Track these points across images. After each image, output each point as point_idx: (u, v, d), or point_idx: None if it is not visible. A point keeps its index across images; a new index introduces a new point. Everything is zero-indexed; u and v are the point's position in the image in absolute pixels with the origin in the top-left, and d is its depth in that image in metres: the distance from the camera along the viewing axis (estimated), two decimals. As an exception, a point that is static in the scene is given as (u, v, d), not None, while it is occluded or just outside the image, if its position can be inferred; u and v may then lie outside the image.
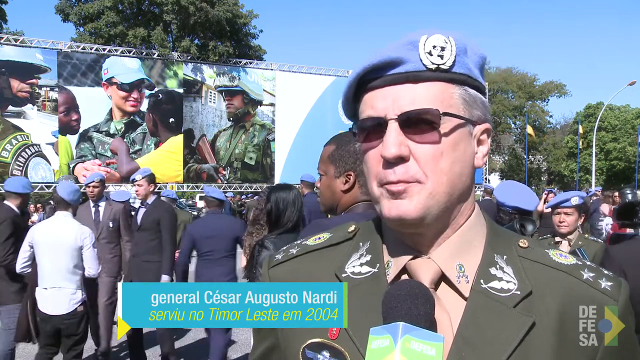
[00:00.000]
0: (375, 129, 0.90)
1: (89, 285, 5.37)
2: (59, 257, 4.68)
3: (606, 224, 10.94)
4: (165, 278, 5.83)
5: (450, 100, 0.89)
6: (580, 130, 36.08)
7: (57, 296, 4.68)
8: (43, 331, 4.80)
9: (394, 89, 0.89)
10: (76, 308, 4.74)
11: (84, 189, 6.43)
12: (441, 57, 0.88)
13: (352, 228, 1.05)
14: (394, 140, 0.86)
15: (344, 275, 0.96)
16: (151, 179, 6.12)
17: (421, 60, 0.88)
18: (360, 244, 1.01)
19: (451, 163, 0.88)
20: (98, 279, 5.79)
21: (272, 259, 1.08)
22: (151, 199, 6.13)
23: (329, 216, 2.35)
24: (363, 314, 0.89)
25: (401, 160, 0.86)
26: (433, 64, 0.88)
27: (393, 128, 0.87)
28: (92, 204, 6.54)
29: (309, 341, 0.92)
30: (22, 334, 5.03)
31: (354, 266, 0.97)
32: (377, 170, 0.90)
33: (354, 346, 0.88)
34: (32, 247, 4.79)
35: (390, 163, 0.87)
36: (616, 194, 11.36)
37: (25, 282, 5.12)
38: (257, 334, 1.08)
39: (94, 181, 6.49)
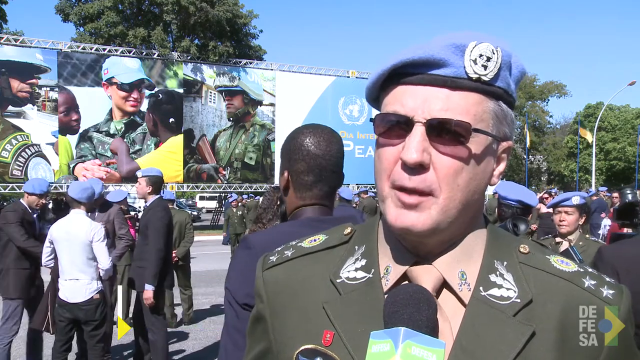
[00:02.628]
0: (399, 126, 0.85)
1: None
2: (73, 251, 5.04)
3: (604, 225, 10.96)
4: (148, 289, 5.51)
5: (483, 115, 0.86)
6: (586, 136, 36.01)
7: (75, 286, 5.07)
8: (60, 319, 5.19)
9: (428, 89, 0.84)
10: (92, 296, 5.10)
11: None
12: (485, 67, 0.84)
13: (348, 230, 1.02)
14: (417, 145, 0.82)
15: (338, 280, 0.94)
16: (152, 180, 5.81)
17: (464, 68, 0.84)
18: (356, 247, 0.98)
19: (469, 180, 0.85)
20: None
21: (266, 261, 1.06)
22: (150, 201, 5.86)
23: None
24: (357, 321, 0.88)
25: (420, 167, 0.82)
26: (475, 73, 0.84)
27: (419, 132, 0.82)
28: None
29: (302, 347, 0.90)
30: (40, 322, 5.53)
31: (348, 271, 0.95)
32: (391, 170, 0.86)
33: (347, 353, 0.86)
34: (52, 243, 5.15)
35: (407, 167, 0.83)
36: (615, 194, 11.40)
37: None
38: (251, 337, 1.06)
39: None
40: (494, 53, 0.84)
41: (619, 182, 42.83)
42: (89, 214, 5.54)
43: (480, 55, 0.84)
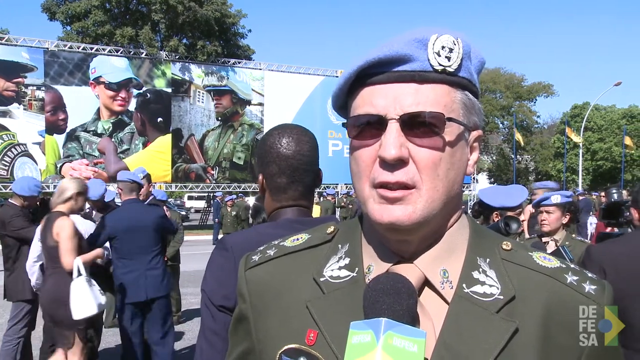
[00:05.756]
0: (372, 127, 0.86)
1: None
2: None
3: (590, 222, 11.04)
4: None
5: (453, 105, 0.86)
6: (572, 136, 36.17)
7: None
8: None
9: (397, 86, 0.85)
10: None
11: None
12: (448, 58, 0.85)
13: (331, 229, 1.02)
14: (394, 141, 0.82)
15: (322, 279, 0.93)
16: (149, 178, 6.03)
17: (429, 60, 0.84)
18: (339, 246, 0.98)
19: (447, 170, 0.86)
20: None
21: (248, 261, 1.04)
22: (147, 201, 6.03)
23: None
24: (341, 319, 0.87)
25: (400, 162, 0.83)
26: (440, 65, 0.85)
27: (394, 128, 0.83)
28: (87, 205, 6.59)
29: (286, 347, 0.90)
30: None
31: (332, 270, 0.94)
32: (370, 170, 0.86)
33: (331, 352, 0.85)
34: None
35: (387, 164, 0.83)
36: (602, 193, 11.50)
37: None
38: (233, 337, 1.06)
39: (97, 201, 6.51)
40: (455, 44, 0.86)
41: (605, 182, 43.10)
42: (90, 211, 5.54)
43: (443, 47, 0.85)
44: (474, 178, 28.93)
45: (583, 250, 3.98)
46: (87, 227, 5.15)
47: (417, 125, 0.84)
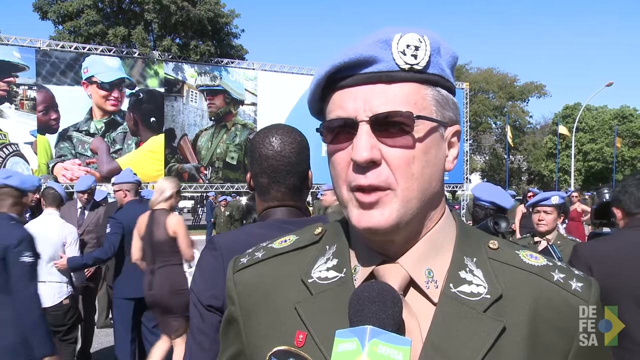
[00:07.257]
0: (345, 130, 0.86)
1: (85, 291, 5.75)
2: (43, 252, 4.77)
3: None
4: None
5: (424, 102, 0.86)
6: (564, 131, 36.23)
7: (43, 289, 4.74)
8: None
9: (365, 88, 0.85)
10: (62, 301, 4.94)
11: (77, 195, 6.51)
12: (415, 57, 0.85)
13: (318, 230, 1.02)
14: (365, 143, 0.82)
15: (310, 280, 0.94)
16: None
17: (394, 60, 0.85)
18: (327, 247, 0.98)
19: (422, 167, 0.85)
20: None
21: (237, 263, 1.04)
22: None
23: None
24: (330, 321, 0.87)
25: (373, 164, 0.83)
26: (406, 64, 0.85)
27: (364, 130, 0.83)
28: (79, 205, 6.56)
29: (275, 349, 0.90)
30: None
31: (320, 271, 0.94)
32: (346, 174, 0.86)
33: (320, 354, 0.85)
34: None
35: (360, 167, 0.83)
36: (575, 193, 11.60)
37: None
38: (224, 340, 1.05)
39: (85, 191, 6.48)
40: (421, 42, 0.86)
41: (597, 182, 43.37)
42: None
43: (408, 46, 0.85)
44: (467, 178, 28.98)
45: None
46: (70, 231, 5.12)
47: (387, 125, 0.84)
